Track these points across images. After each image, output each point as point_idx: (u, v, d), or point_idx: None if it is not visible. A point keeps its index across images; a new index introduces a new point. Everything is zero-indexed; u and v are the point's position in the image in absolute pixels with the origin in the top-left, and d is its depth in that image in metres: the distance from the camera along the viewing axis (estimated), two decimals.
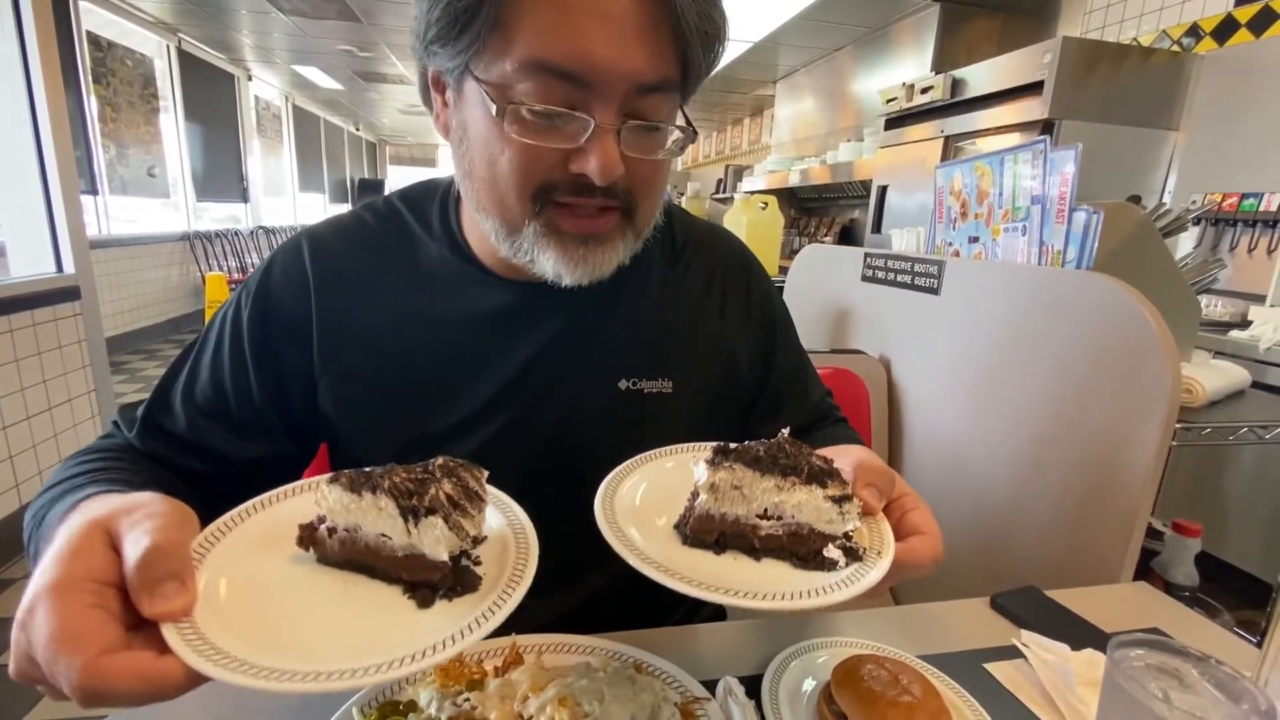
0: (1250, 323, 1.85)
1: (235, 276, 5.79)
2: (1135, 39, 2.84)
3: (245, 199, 7.15)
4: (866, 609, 0.69)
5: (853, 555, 0.45)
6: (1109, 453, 0.86)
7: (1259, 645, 0.49)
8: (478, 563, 0.43)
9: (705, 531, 0.46)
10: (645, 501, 0.51)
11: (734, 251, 0.76)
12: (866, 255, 1.44)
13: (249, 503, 0.46)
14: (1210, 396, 1.07)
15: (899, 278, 1.34)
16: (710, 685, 0.50)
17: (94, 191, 4.64)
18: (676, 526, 0.48)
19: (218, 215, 6.65)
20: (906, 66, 3.86)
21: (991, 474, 1.08)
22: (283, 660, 0.33)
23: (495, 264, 0.64)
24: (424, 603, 0.39)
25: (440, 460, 0.44)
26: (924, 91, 3.05)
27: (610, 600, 0.69)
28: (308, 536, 0.42)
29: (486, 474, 0.46)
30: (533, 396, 0.63)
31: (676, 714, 0.46)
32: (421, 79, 0.59)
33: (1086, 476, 0.90)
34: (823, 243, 4.04)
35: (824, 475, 0.45)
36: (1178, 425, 0.81)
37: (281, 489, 0.48)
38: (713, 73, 0.58)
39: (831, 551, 0.45)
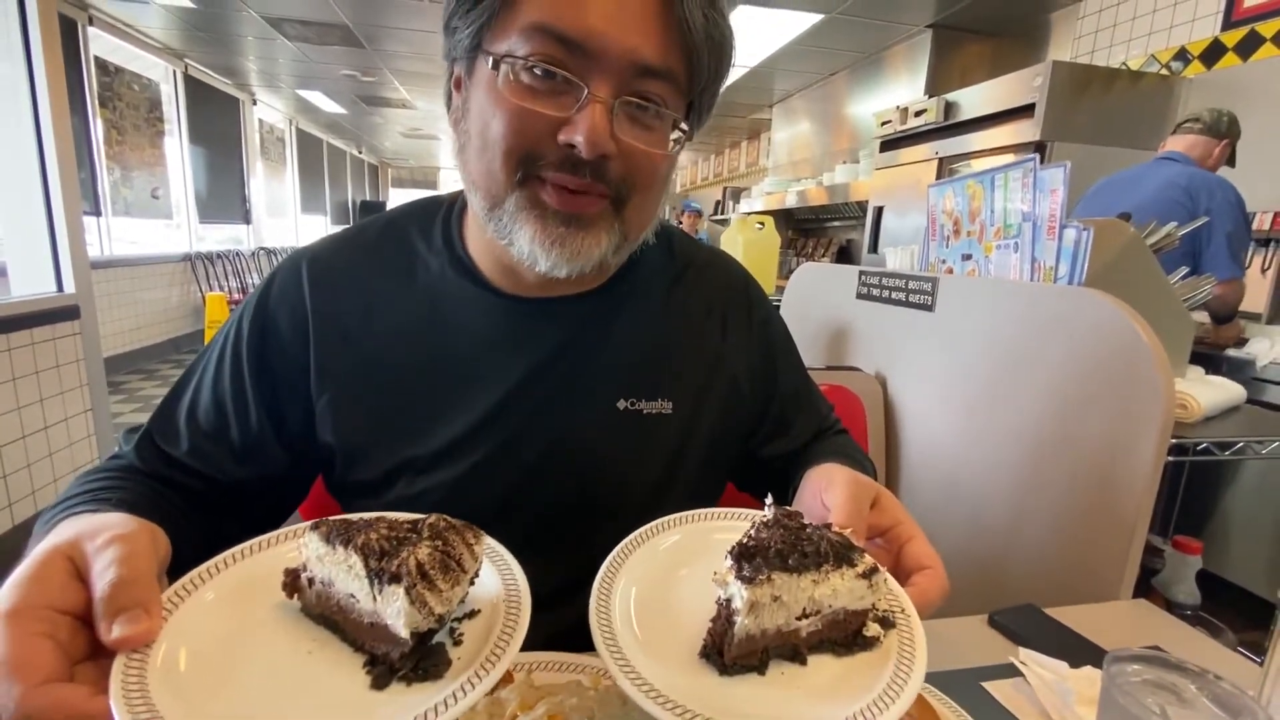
0: (1245, 340, 1.86)
1: (235, 296, 5.83)
2: (1124, 63, 2.89)
3: (248, 220, 7.21)
4: None
5: (887, 624, 0.44)
6: (1105, 468, 0.86)
7: (1262, 664, 0.49)
8: (459, 641, 0.39)
9: (749, 655, 0.41)
10: (643, 615, 0.44)
11: (735, 274, 0.76)
12: (861, 273, 1.45)
13: (248, 543, 0.44)
14: (1206, 412, 1.07)
15: (894, 295, 1.35)
16: None
17: (97, 213, 4.69)
18: (704, 655, 0.42)
19: (220, 236, 6.71)
20: (901, 90, 3.94)
21: (988, 490, 1.08)
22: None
23: (498, 277, 0.64)
24: (378, 683, 0.36)
25: (433, 518, 0.40)
26: (918, 114, 3.10)
27: None
28: (291, 583, 0.40)
29: (484, 538, 0.42)
30: (529, 413, 0.62)
31: None
32: (446, 86, 0.61)
33: (1083, 492, 0.90)
34: (819, 263, 4.07)
35: (847, 552, 0.43)
36: (1174, 440, 0.81)
37: (284, 530, 0.46)
38: (719, 91, 0.59)
39: (870, 628, 0.43)
